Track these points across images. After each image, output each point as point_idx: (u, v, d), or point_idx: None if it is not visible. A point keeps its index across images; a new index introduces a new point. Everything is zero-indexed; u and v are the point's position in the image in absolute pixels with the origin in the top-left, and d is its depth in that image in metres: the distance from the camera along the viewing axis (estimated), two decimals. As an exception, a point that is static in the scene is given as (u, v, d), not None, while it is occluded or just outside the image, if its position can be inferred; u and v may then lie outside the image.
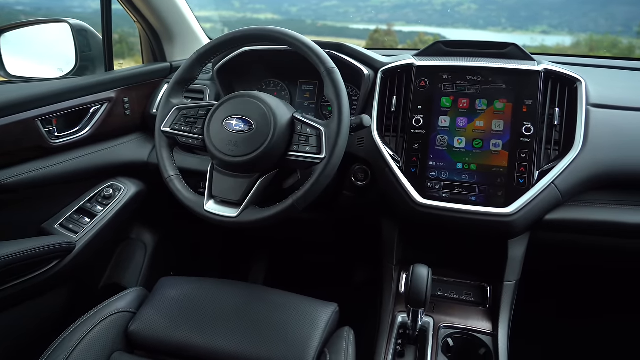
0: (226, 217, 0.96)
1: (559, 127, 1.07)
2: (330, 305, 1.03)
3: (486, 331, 1.09)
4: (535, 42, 6.28)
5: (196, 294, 1.04)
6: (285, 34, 0.99)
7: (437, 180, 1.09)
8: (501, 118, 1.08)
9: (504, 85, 1.09)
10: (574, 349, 1.48)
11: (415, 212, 1.08)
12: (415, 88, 1.13)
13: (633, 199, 1.09)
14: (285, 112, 0.97)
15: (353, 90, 1.26)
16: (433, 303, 1.15)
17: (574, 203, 1.08)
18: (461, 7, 6.33)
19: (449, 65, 1.13)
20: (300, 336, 0.94)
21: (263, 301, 1.03)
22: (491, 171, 1.06)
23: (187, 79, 1.06)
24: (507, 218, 1.03)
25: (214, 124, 0.98)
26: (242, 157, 0.94)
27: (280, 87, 1.35)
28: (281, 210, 0.93)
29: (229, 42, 1.03)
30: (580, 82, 1.07)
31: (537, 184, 1.03)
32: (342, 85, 0.94)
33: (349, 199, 1.22)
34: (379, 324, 1.13)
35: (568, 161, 1.02)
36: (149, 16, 1.42)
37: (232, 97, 1.00)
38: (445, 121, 1.11)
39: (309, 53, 0.97)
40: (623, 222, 1.07)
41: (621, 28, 5.67)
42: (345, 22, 6.31)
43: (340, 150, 0.92)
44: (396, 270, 1.20)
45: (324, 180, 0.92)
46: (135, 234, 1.55)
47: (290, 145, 0.96)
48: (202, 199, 0.99)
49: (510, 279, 1.12)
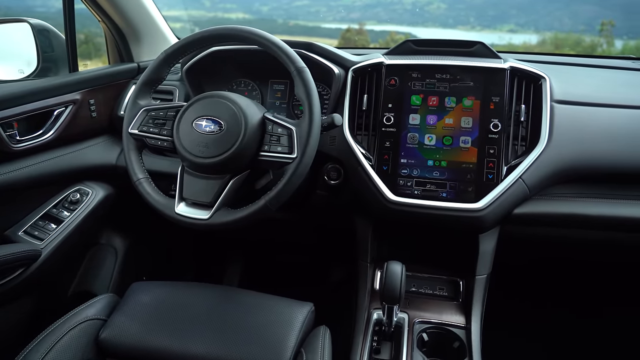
0: (198, 220, 0.95)
1: (525, 123, 1.10)
2: (305, 305, 1.03)
3: (460, 325, 1.11)
4: (503, 40, 6.43)
5: (169, 298, 1.02)
6: (255, 33, 0.98)
7: (409, 177, 1.10)
8: (470, 115, 1.10)
9: (472, 83, 1.11)
10: (546, 340, 1.53)
11: (387, 210, 1.09)
12: (385, 86, 1.14)
13: (597, 192, 1.12)
14: (255, 112, 0.96)
15: (324, 89, 1.26)
16: (407, 299, 1.16)
17: (541, 197, 1.11)
18: (431, 7, 6.42)
19: (418, 63, 1.14)
20: (276, 337, 0.94)
21: (237, 303, 1.02)
22: (461, 167, 1.08)
23: (154, 80, 1.04)
24: (477, 213, 1.05)
25: (184, 125, 0.96)
26: (213, 159, 0.93)
27: (251, 87, 1.34)
28: (254, 211, 0.93)
29: (197, 41, 1.02)
30: (545, 79, 1.10)
31: (505, 179, 1.05)
32: (312, 85, 0.94)
33: (322, 198, 1.22)
34: (355, 321, 1.13)
35: (534, 156, 1.05)
36: (113, 15, 1.38)
37: (201, 98, 0.98)
38: (415, 119, 1.12)
39: (278, 52, 0.96)
40: (588, 214, 1.10)
41: (584, 26, 5.86)
42: (316, 22, 6.32)
43: (311, 150, 0.92)
44: (371, 267, 1.21)
45: (296, 179, 0.92)
46: (105, 239, 1.51)
47: (261, 145, 0.95)
48: (172, 201, 0.98)
49: (481, 272, 1.14)
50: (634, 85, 1.18)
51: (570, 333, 1.56)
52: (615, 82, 1.21)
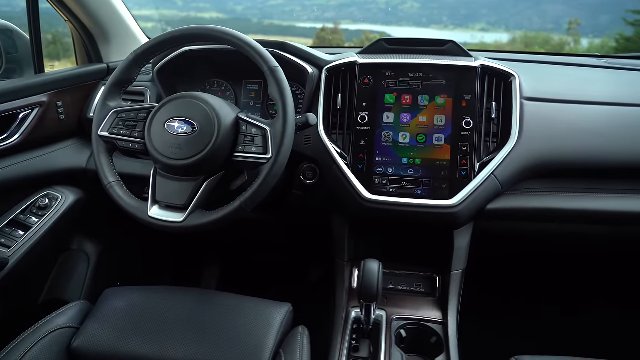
0: (172, 223, 0.93)
1: (497, 120, 1.12)
2: (283, 306, 1.02)
3: (437, 320, 1.13)
4: (476, 39, 6.56)
5: (144, 303, 1.00)
6: (227, 33, 0.97)
7: (384, 175, 1.11)
8: (442, 113, 1.12)
9: (444, 81, 1.12)
10: (523, 333, 1.56)
11: (363, 208, 1.10)
12: (359, 85, 1.14)
13: (567, 186, 1.15)
14: (229, 113, 0.96)
15: (298, 89, 1.26)
16: (385, 296, 1.17)
17: (513, 192, 1.14)
18: (404, 6, 6.48)
19: (391, 62, 1.15)
20: (254, 339, 0.93)
21: (215, 306, 1.01)
22: (435, 165, 1.10)
23: (124, 81, 1.02)
24: (451, 209, 1.06)
25: (155, 126, 0.95)
26: (186, 160, 0.91)
27: (225, 88, 1.32)
28: (229, 213, 0.92)
29: (168, 41, 1.00)
30: (514, 77, 1.12)
31: (478, 175, 1.07)
32: (285, 84, 0.94)
33: (299, 197, 1.22)
34: (333, 320, 1.14)
35: (506, 152, 1.07)
36: (80, 15, 1.34)
37: (173, 99, 0.97)
38: (389, 117, 1.13)
39: (251, 52, 0.96)
40: (558, 208, 1.13)
41: (552, 25, 6.02)
42: (291, 21, 6.30)
43: (286, 150, 0.92)
44: (348, 266, 1.21)
45: (271, 180, 0.91)
46: (77, 245, 1.47)
47: (235, 146, 0.94)
48: (145, 204, 0.96)
49: (457, 268, 1.16)
50: (598, 82, 1.22)
51: (545, 325, 1.60)
52: (581, 79, 1.24)
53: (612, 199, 1.12)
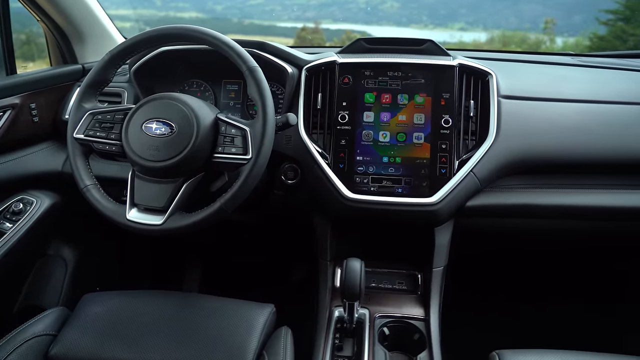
0: (151, 225, 0.92)
1: (475, 118, 1.13)
2: (266, 307, 1.02)
3: (419, 317, 1.14)
4: (454, 38, 6.64)
5: (124, 308, 0.98)
6: (205, 32, 0.96)
7: (365, 174, 1.11)
8: (422, 111, 1.12)
9: (423, 80, 1.13)
10: (503, 328, 1.58)
11: (345, 207, 1.10)
12: (339, 85, 1.14)
13: (544, 182, 1.18)
14: (208, 113, 0.95)
15: (278, 88, 1.25)
16: (368, 295, 1.17)
17: (491, 189, 1.15)
18: (384, 5, 6.53)
19: (371, 61, 1.15)
20: (237, 341, 0.92)
21: (196, 309, 1.00)
22: (415, 163, 1.11)
23: (99, 82, 1.00)
24: (431, 207, 1.07)
25: (132, 128, 0.93)
26: (165, 162, 0.90)
27: (204, 88, 1.31)
28: (209, 214, 0.91)
29: (144, 41, 0.99)
30: (491, 75, 1.14)
31: (457, 173, 1.08)
32: (265, 84, 0.93)
33: (280, 198, 1.22)
34: (316, 320, 1.14)
35: (484, 150, 1.09)
36: (53, 14, 1.31)
37: (150, 100, 0.95)
38: (369, 116, 1.13)
39: (229, 52, 0.95)
40: (536, 204, 1.16)
41: (529, 24, 6.14)
42: (272, 21, 6.28)
43: (266, 150, 0.92)
44: (331, 265, 1.21)
45: (251, 180, 0.91)
46: (54, 250, 1.43)
47: (215, 147, 0.94)
48: (123, 207, 0.94)
49: (438, 264, 1.17)
50: (573, 80, 1.25)
51: (524, 320, 1.63)
52: (557, 77, 1.27)
53: (587, 195, 1.15)
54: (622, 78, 1.28)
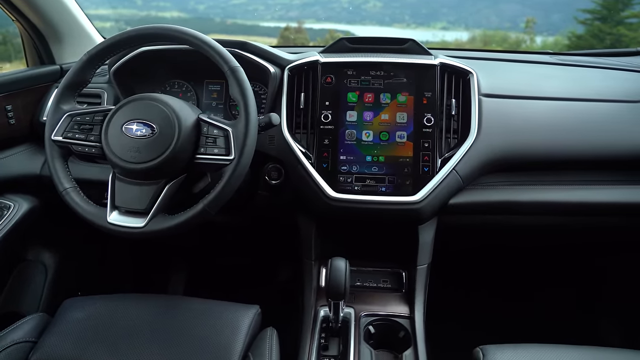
0: (133, 228, 0.91)
1: (457, 116, 1.14)
2: (251, 308, 1.02)
3: (404, 315, 1.14)
4: (437, 37, 6.71)
5: (106, 313, 0.97)
6: (185, 32, 0.95)
7: (349, 173, 1.12)
8: (404, 110, 1.13)
9: (405, 79, 1.14)
10: (487, 323, 1.60)
11: (329, 207, 1.10)
12: (321, 84, 1.14)
13: (525, 179, 1.19)
14: (190, 114, 0.94)
15: (261, 88, 1.25)
16: (353, 294, 1.18)
17: (474, 187, 1.16)
18: (367, 5, 6.56)
19: (353, 61, 1.15)
20: (222, 343, 0.92)
21: (180, 311, 0.99)
22: (398, 162, 1.11)
23: (78, 83, 0.98)
24: (415, 205, 1.08)
25: (112, 129, 0.92)
26: (146, 164, 0.89)
27: (186, 88, 1.30)
28: (192, 216, 0.90)
29: (123, 41, 0.97)
30: (472, 74, 1.15)
31: (440, 171, 1.09)
32: (247, 84, 0.93)
33: (264, 198, 1.21)
34: (302, 320, 1.14)
35: (466, 148, 1.10)
36: (29, 14, 1.28)
37: (130, 101, 0.94)
38: (352, 116, 1.14)
39: (210, 52, 0.94)
40: (518, 201, 1.17)
41: (509, 24, 6.24)
42: (255, 20, 6.26)
43: (249, 150, 0.91)
44: (315, 265, 1.21)
45: (234, 181, 0.90)
46: (33, 255, 1.41)
47: (197, 147, 0.93)
48: (104, 210, 0.93)
49: (422, 262, 1.18)
50: (552, 78, 1.27)
51: (507, 316, 1.65)
52: (536, 75, 1.29)
53: (566, 191, 1.17)
54: (599, 76, 1.31)
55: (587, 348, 0.94)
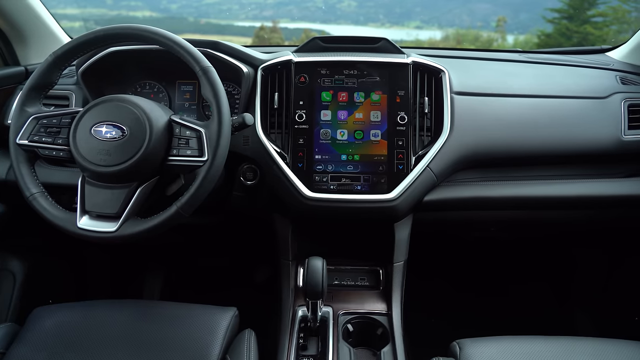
0: (104, 233, 0.89)
1: (430, 114, 1.15)
2: (228, 310, 1.01)
3: (382, 312, 1.15)
4: (411, 36, 6.79)
5: (78, 321, 0.95)
6: (155, 32, 0.93)
7: (324, 173, 1.12)
8: (378, 109, 1.14)
9: (378, 77, 1.15)
10: (463, 317, 1.63)
11: (305, 206, 1.10)
12: (295, 84, 1.14)
13: (496, 175, 1.22)
14: (161, 115, 0.92)
15: (234, 88, 1.24)
16: (331, 292, 1.18)
17: (448, 183, 1.18)
18: (342, 4, 6.58)
19: (326, 60, 1.16)
20: (199, 347, 0.91)
21: (155, 317, 0.97)
22: (373, 160, 1.12)
23: (43, 85, 0.96)
24: (390, 203, 1.09)
25: (81, 132, 0.90)
26: (117, 167, 0.88)
27: (157, 89, 1.27)
28: (166, 219, 0.89)
29: (91, 42, 0.95)
30: (444, 72, 1.16)
31: (414, 168, 1.10)
32: (219, 84, 0.92)
33: (240, 199, 1.20)
34: (280, 320, 1.13)
35: (439, 145, 1.11)
36: (-10, 14, 1.24)
37: (99, 102, 0.92)
38: (327, 115, 1.14)
39: (181, 52, 0.93)
40: (489, 196, 1.19)
41: (481, 23, 6.37)
42: (229, 20, 6.20)
43: (223, 151, 0.90)
44: (292, 265, 1.21)
45: (208, 183, 0.89)
46: (0, 263, 1.36)
47: (169, 149, 0.92)
48: (74, 215, 0.91)
49: (399, 259, 1.19)
50: (520, 76, 1.30)
51: (482, 309, 1.69)
52: (505, 73, 1.31)
53: (537, 185, 1.20)
54: (566, 73, 1.34)
55: (559, 338, 0.97)
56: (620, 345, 0.93)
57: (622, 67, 1.38)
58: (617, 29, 5.49)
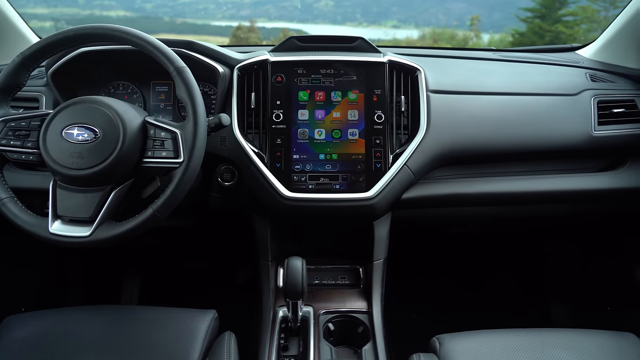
0: (78, 238, 0.87)
1: (406, 112, 1.16)
2: (208, 313, 1.00)
3: (362, 310, 1.16)
4: (389, 35, 6.84)
5: (53, 329, 0.92)
6: (127, 32, 0.92)
7: (302, 172, 1.11)
8: (355, 108, 1.14)
9: (355, 77, 1.15)
10: (442, 313, 1.65)
11: (284, 206, 1.09)
12: (272, 84, 1.14)
13: (473, 172, 1.24)
14: (135, 117, 0.91)
15: (210, 89, 1.22)
16: (311, 292, 1.18)
17: (425, 181, 1.20)
18: (319, 4, 6.58)
19: (303, 59, 1.15)
20: (178, 351, 0.90)
21: (134, 322, 0.96)
22: (351, 159, 1.12)
23: (11, 86, 0.93)
24: (369, 201, 1.10)
25: (51, 135, 0.88)
26: (89, 169, 0.86)
27: (131, 90, 1.25)
28: (141, 222, 0.87)
29: (60, 42, 0.92)
30: (420, 71, 1.17)
31: (392, 167, 1.11)
32: (194, 85, 0.90)
33: (218, 200, 1.19)
34: (260, 321, 1.13)
35: (416, 143, 1.12)
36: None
37: (70, 104, 0.90)
38: (304, 114, 1.14)
39: (154, 52, 0.91)
40: (466, 193, 1.21)
41: (457, 22, 6.46)
42: (206, 19, 6.14)
43: (199, 152, 0.89)
44: (272, 265, 1.21)
45: (184, 184, 0.88)
46: None
47: (144, 151, 0.90)
48: (46, 220, 0.88)
49: (378, 257, 1.20)
50: (494, 74, 1.32)
51: (461, 304, 1.71)
52: (480, 71, 1.33)
53: (512, 181, 1.22)
54: (538, 71, 1.37)
55: (535, 330, 0.99)
56: (593, 335, 0.96)
57: (591, 64, 1.42)
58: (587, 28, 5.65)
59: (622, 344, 0.94)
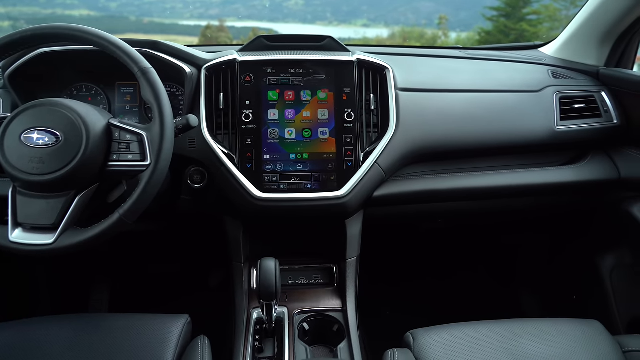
0: (41, 246, 0.84)
1: (376, 111, 1.17)
2: (180, 318, 0.98)
3: (337, 308, 1.16)
4: (359, 34, 6.86)
5: (17, 341, 0.89)
6: (88, 32, 0.89)
7: (274, 172, 1.11)
8: (325, 107, 1.14)
9: (324, 76, 1.15)
10: (416, 308, 1.67)
11: (256, 207, 1.09)
12: (241, 84, 1.13)
13: (443, 168, 1.26)
14: (98, 119, 0.88)
15: (178, 89, 1.20)
16: (285, 292, 1.18)
17: (396, 178, 1.21)
18: (289, 3, 6.55)
19: (271, 59, 1.15)
20: (150, 358, 0.87)
21: (103, 330, 0.93)
22: (322, 158, 1.12)
23: None
24: (340, 200, 1.10)
25: (9, 139, 0.84)
26: (51, 175, 0.83)
27: (95, 92, 1.21)
28: (108, 227, 0.85)
29: (16, 43, 0.89)
30: (388, 70, 1.18)
31: (363, 165, 1.11)
32: (159, 86, 0.89)
33: (188, 203, 1.17)
34: (234, 324, 1.12)
35: (386, 141, 1.13)
36: None
37: (29, 107, 0.86)
38: (274, 114, 1.13)
39: (118, 53, 0.89)
40: (436, 189, 1.23)
41: (425, 21, 6.54)
42: (174, 19, 6.03)
43: (166, 154, 0.88)
44: (245, 267, 1.20)
45: (152, 188, 0.86)
46: None
47: (109, 154, 0.88)
48: (5, 229, 0.85)
49: (351, 255, 1.20)
50: (460, 72, 1.34)
51: (433, 298, 1.74)
52: (447, 69, 1.35)
53: (480, 177, 1.25)
54: (503, 69, 1.41)
55: (506, 321, 1.01)
56: (560, 324, 0.99)
57: (553, 61, 1.46)
58: (550, 26, 5.83)
59: (587, 331, 0.97)
